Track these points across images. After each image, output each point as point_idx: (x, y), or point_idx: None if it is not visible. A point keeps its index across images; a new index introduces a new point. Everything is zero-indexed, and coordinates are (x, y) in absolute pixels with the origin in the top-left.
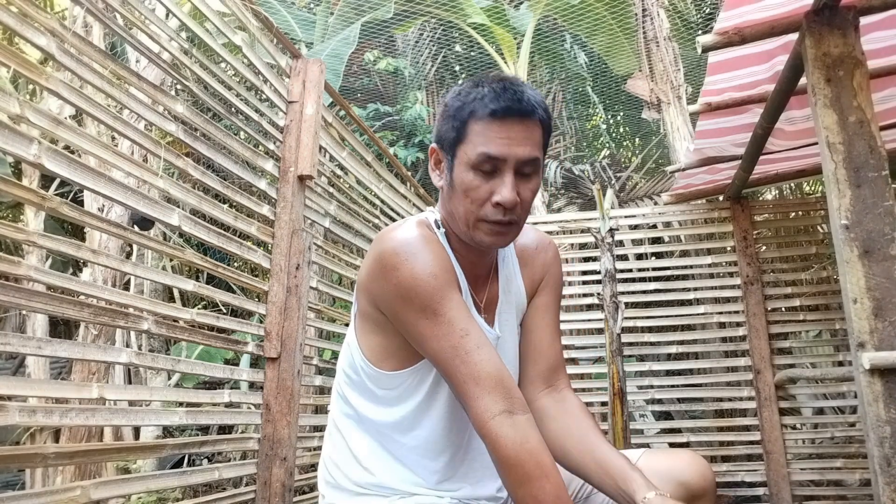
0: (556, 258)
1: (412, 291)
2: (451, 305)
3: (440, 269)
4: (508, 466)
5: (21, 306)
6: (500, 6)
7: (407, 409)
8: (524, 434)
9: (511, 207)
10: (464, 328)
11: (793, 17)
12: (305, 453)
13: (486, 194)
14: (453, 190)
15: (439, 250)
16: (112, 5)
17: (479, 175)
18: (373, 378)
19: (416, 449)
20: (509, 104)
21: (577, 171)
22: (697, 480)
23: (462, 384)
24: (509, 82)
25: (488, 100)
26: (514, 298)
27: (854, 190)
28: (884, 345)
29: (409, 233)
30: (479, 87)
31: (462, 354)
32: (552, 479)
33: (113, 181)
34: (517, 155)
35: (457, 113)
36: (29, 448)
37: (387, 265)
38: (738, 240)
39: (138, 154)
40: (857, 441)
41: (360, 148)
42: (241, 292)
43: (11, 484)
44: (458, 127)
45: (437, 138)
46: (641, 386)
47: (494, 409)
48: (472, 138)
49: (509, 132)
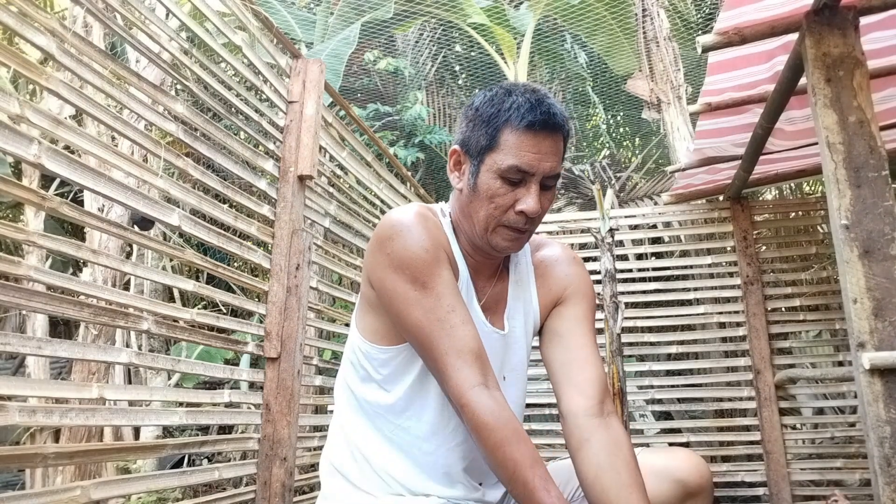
0: (581, 271)
1: (404, 262)
2: (440, 280)
3: (432, 245)
4: (487, 431)
5: (21, 306)
6: (500, 6)
7: (400, 391)
8: (500, 404)
9: (534, 217)
10: (451, 304)
11: (793, 17)
12: (305, 453)
13: (510, 202)
14: (476, 194)
15: (435, 230)
16: (112, 5)
17: (506, 183)
18: (368, 356)
19: (409, 430)
20: (545, 118)
21: (577, 171)
22: (694, 478)
23: (443, 355)
24: (542, 94)
25: (524, 110)
26: (522, 305)
27: (854, 190)
28: (884, 345)
29: (409, 210)
30: (512, 95)
31: (447, 328)
32: (528, 444)
33: (113, 181)
34: (545, 169)
35: (490, 120)
36: (29, 448)
37: (382, 237)
38: (738, 240)
39: (138, 154)
40: (857, 441)
41: (360, 148)
42: (241, 292)
43: (11, 484)
44: (492, 134)
45: (463, 141)
46: (641, 386)
47: (474, 381)
48: (504, 148)
49: (540, 146)
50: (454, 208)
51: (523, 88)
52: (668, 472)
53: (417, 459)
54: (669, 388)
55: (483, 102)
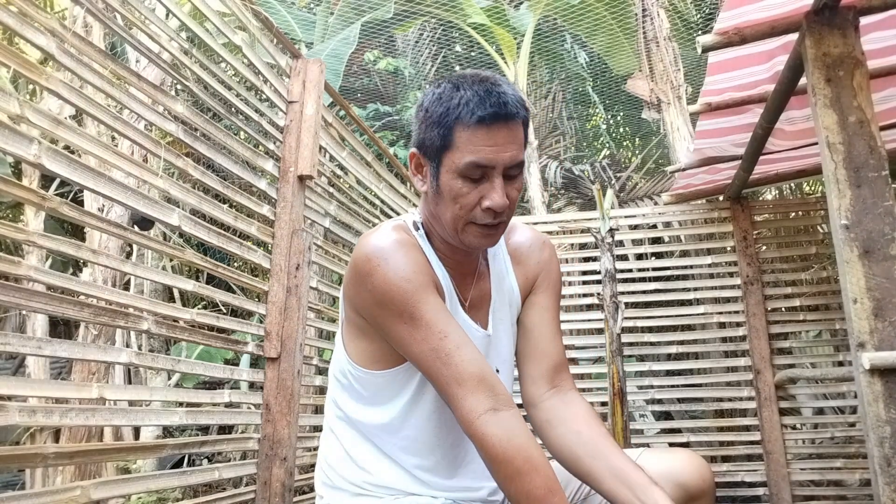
0: (551, 257)
1: (387, 296)
2: (427, 308)
3: (413, 273)
4: (498, 463)
5: (21, 306)
6: (500, 6)
7: (395, 410)
8: (511, 430)
9: (502, 211)
10: (442, 330)
11: (793, 17)
12: (305, 453)
13: (475, 200)
14: (440, 196)
15: (414, 253)
16: (112, 5)
17: (468, 182)
18: (360, 380)
19: (406, 449)
20: (496, 110)
21: (577, 171)
22: (696, 481)
23: (446, 386)
24: (490, 84)
25: (474, 105)
26: (506, 297)
27: (854, 190)
28: (884, 345)
29: (383, 238)
30: (459, 90)
31: (443, 356)
32: (542, 473)
33: (113, 181)
34: (504, 160)
35: (441, 120)
36: (29, 448)
37: (361, 271)
38: (738, 240)
39: (138, 154)
40: (857, 441)
41: (360, 148)
42: (241, 292)
43: (11, 484)
44: (444, 134)
45: (419, 144)
46: (641, 386)
47: (479, 409)
48: (459, 146)
49: (496, 138)
50: (424, 213)
51: (471, 79)
52: (669, 475)
53: (417, 474)
54: (669, 388)
55: (432, 102)
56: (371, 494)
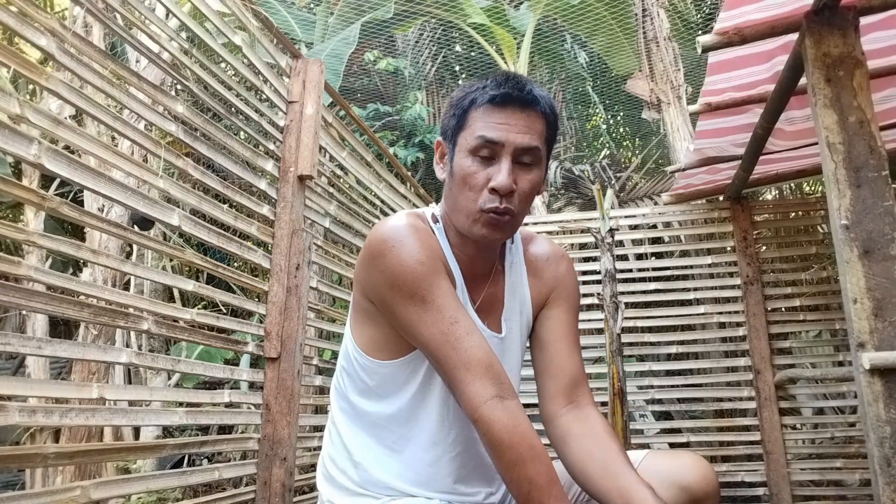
0: (568, 271)
1: (399, 278)
2: (439, 292)
3: (427, 257)
4: (502, 449)
5: (21, 306)
6: (500, 6)
7: (402, 402)
8: (515, 418)
9: (506, 194)
10: (453, 315)
11: (793, 17)
12: (305, 453)
13: (483, 180)
14: (453, 179)
15: (428, 239)
16: (112, 5)
17: (478, 161)
18: (367, 369)
19: (411, 440)
20: (510, 91)
21: (577, 172)
22: (700, 484)
23: (453, 370)
24: (514, 75)
25: (489, 88)
26: (518, 306)
27: (854, 190)
28: (884, 345)
29: (398, 221)
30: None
31: (452, 341)
32: (544, 462)
33: (113, 181)
34: (515, 141)
35: (459, 102)
36: (29, 448)
37: (374, 253)
38: (738, 240)
39: (138, 154)
40: (857, 441)
41: (360, 148)
42: (241, 292)
43: (11, 484)
44: (460, 115)
45: (442, 130)
46: (641, 386)
47: (486, 394)
48: (472, 124)
49: (509, 119)
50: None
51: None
52: (673, 478)
53: (417, 469)
54: (669, 388)
55: (457, 92)
56: (367, 494)
